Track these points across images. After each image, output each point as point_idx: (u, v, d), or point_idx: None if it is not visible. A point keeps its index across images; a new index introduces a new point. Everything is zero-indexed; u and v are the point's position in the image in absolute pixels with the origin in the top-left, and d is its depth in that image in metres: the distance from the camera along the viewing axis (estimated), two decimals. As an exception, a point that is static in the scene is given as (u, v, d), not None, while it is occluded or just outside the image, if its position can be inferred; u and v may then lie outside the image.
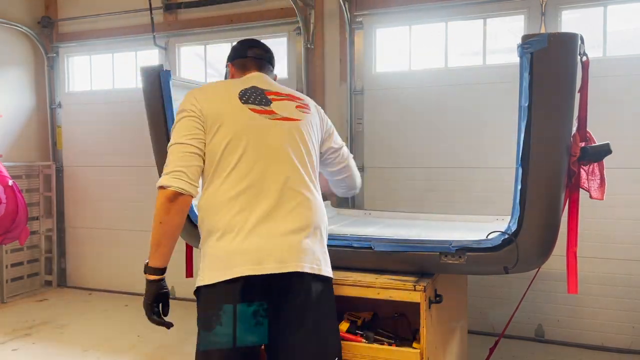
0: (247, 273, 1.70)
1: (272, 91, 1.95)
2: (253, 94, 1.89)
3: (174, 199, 1.70)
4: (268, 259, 1.72)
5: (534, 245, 2.03)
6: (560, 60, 1.91)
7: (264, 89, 1.94)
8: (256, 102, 1.87)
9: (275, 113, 1.88)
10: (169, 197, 1.70)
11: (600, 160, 2.09)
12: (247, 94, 1.88)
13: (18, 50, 5.57)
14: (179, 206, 1.71)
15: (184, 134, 1.77)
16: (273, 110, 1.88)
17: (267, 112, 1.86)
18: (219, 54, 5.32)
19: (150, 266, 1.80)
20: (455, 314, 2.74)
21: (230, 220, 1.74)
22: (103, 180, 5.58)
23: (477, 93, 4.12)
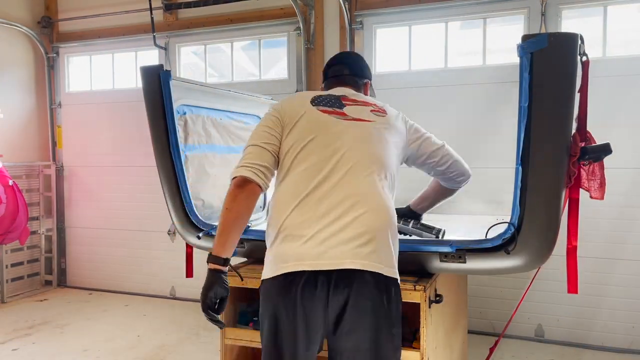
0: (307, 268, 1.68)
1: (348, 97, 1.98)
2: (326, 98, 1.94)
3: (242, 186, 1.73)
4: (330, 258, 1.68)
5: (533, 245, 2.03)
6: (560, 60, 1.91)
7: (340, 96, 1.98)
8: (327, 105, 1.90)
9: (346, 115, 1.89)
10: (237, 183, 1.73)
11: (600, 160, 2.09)
12: (319, 98, 1.94)
13: (18, 50, 5.57)
14: (245, 193, 1.73)
15: (260, 138, 1.84)
16: (344, 112, 1.90)
17: (337, 113, 1.89)
18: (218, 54, 5.33)
19: (213, 254, 1.74)
20: (455, 314, 2.74)
21: (295, 221, 1.73)
22: (103, 180, 5.58)
23: (477, 93, 4.12)
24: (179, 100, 2.80)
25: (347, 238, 1.69)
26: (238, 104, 3.37)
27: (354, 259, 1.68)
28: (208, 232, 2.61)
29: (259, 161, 1.78)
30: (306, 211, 1.73)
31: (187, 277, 2.89)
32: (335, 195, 1.73)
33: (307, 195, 1.74)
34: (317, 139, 1.81)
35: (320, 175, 1.76)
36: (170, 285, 5.25)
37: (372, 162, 1.82)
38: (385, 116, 1.98)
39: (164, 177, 2.71)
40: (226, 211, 1.72)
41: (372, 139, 1.87)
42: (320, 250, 1.68)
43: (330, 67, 2.16)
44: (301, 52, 4.64)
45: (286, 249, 1.72)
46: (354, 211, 1.72)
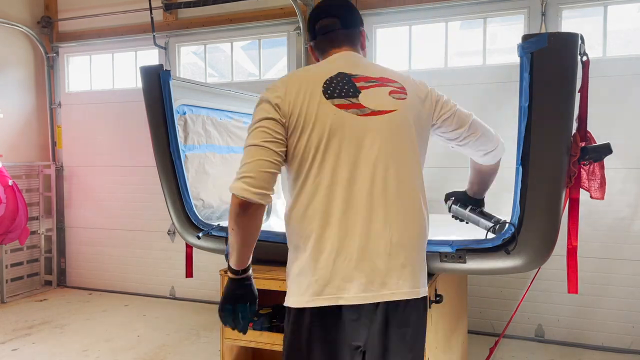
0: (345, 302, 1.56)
1: (360, 76, 1.69)
2: (339, 84, 1.65)
3: (246, 209, 1.58)
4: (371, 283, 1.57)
5: (534, 245, 2.03)
6: (560, 60, 1.91)
7: (352, 75, 1.68)
8: (342, 95, 1.63)
9: (365, 107, 1.63)
10: (239, 204, 1.58)
11: (601, 160, 2.09)
12: (332, 85, 1.64)
13: (18, 50, 5.57)
14: (250, 215, 1.59)
15: (261, 136, 1.59)
16: (361, 103, 1.63)
17: (355, 107, 1.62)
18: (218, 54, 5.33)
19: (230, 266, 1.70)
20: (455, 314, 2.74)
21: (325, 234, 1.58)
22: (103, 180, 5.58)
23: (477, 93, 4.12)
24: (178, 100, 2.80)
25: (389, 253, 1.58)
26: (238, 104, 3.37)
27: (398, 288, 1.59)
28: (208, 232, 2.61)
29: (261, 168, 1.57)
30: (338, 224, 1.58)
31: (187, 277, 2.88)
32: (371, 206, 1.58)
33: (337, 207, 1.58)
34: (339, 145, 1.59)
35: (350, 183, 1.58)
36: (170, 285, 5.25)
37: (404, 163, 1.65)
38: (406, 99, 1.71)
39: (164, 177, 2.71)
40: (232, 232, 1.63)
41: (399, 137, 1.65)
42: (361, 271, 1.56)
43: (318, 22, 1.81)
44: (301, 51, 4.64)
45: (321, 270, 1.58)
46: (393, 221, 1.60)
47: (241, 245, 1.65)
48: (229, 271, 1.72)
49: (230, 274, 1.72)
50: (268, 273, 2.38)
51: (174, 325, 4.40)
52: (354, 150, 1.60)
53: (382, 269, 1.58)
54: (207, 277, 4.67)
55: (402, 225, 1.61)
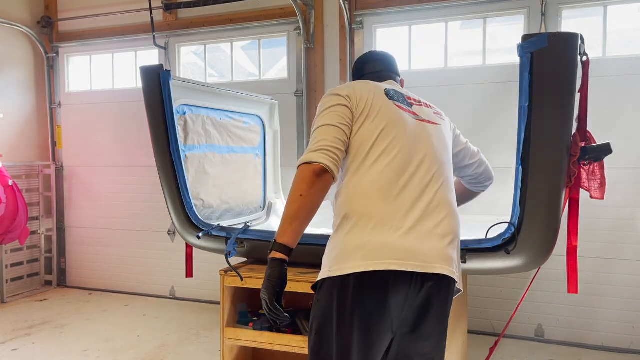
0: (395, 267, 1.58)
1: (410, 97, 1.95)
2: (397, 94, 1.88)
3: (321, 175, 1.62)
4: (417, 258, 1.61)
5: (534, 245, 2.03)
6: (560, 60, 1.91)
7: (404, 94, 1.93)
8: (400, 101, 1.85)
9: (417, 114, 1.86)
10: (315, 171, 1.61)
11: (601, 160, 2.09)
12: (391, 92, 1.87)
13: (18, 50, 5.57)
14: (323, 183, 1.62)
15: (336, 118, 1.73)
16: (415, 112, 1.87)
17: (410, 112, 1.85)
18: (218, 54, 5.33)
19: (279, 242, 1.60)
20: (455, 314, 2.74)
21: (385, 209, 1.64)
22: (103, 180, 5.58)
23: (477, 93, 4.12)
24: (179, 100, 2.80)
25: (437, 235, 1.66)
26: (238, 104, 3.37)
27: (444, 264, 1.65)
28: (208, 232, 2.61)
29: (336, 145, 1.67)
30: (396, 202, 1.65)
31: (187, 277, 2.88)
32: (421, 192, 1.69)
33: (395, 188, 1.66)
34: (398, 135, 1.74)
35: (406, 172, 1.70)
36: (170, 285, 5.25)
37: (444, 164, 1.81)
38: (445, 120, 2.00)
39: (164, 177, 2.71)
40: (301, 198, 1.60)
41: (442, 143, 1.86)
42: (411, 247, 1.61)
43: (366, 64, 2.09)
44: (301, 52, 4.64)
45: (374, 241, 1.60)
46: (440, 210, 1.70)
47: (307, 213, 1.62)
48: (278, 252, 1.60)
49: (280, 254, 1.60)
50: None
51: (174, 325, 4.40)
52: (410, 142, 1.75)
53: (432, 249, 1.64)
54: (207, 277, 4.67)
55: (447, 212, 1.72)
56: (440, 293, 1.67)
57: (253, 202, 3.43)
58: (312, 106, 4.64)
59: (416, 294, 1.63)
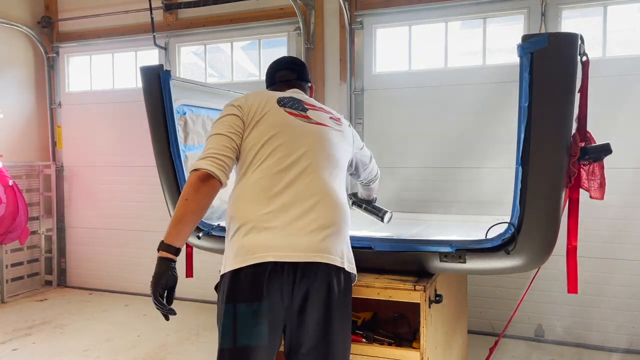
0: (273, 259, 1.73)
1: (307, 102, 2.08)
2: (290, 101, 2.02)
3: (205, 180, 1.76)
4: (292, 250, 1.75)
5: (534, 245, 2.03)
6: (560, 60, 1.91)
7: (301, 100, 2.07)
8: (293, 107, 1.99)
9: (310, 118, 1.99)
10: (200, 176, 1.76)
11: (600, 160, 2.09)
12: (284, 100, 2.01)
13: (18, 50, 5.57)
14: (208, 188, 1.77)
15: (226, 127, 1.89)
16: (308, 115, 2.00)
17: (302, 116, 1.98)
18: (218, 54, 5.33)
19: (166, 243, 1.75)
20: (455, 314, 2.74)
21: (258, 214, 1.79)
22: (103, 180, 5.58)
23: (477, 93, 4.12)
24: (179, 100, 2.80)
25: (311, 230, 1.78)
26: (238, 104, 3.36)
27: (317, 252, 1.77)
28: (208, 232, 2.61)
29: (224, 152, 1.83)
30: (271, 205, 1.79)
31: (187, 277, 2.88)
32: (299, 191, 1.82)
33: (271, 190, 1.81)
34: (282, 138, 1.88)
35: (283, 171, 1.84)
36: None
37: (330, 163, 1.94)
38: (341, 125, 2.12)
39: (164, 177, 2.71)
40: (186, 202, 1.75)
41: (331, 142, 1.98)
42: (285, 243, 1.75)
43: (277, 73, 2.23)
44: (301, 52, 4.64)
45: (252, 241, 1.77)
46: (316, 206, 1.82)
47: (191, 217, 1.76)
48: (164, 251, 1.73)
49: (167, 253, 1.73)
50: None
51: (174, 325, 4.40)
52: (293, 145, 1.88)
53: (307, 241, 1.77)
54: (207, 277, 4.65)
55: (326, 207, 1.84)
56: (318, 281, 1.77)
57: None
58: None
59: (293, 284, 1.76)
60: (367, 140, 4.47)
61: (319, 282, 1.78)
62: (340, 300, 1.82)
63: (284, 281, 1.75)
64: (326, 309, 1.79)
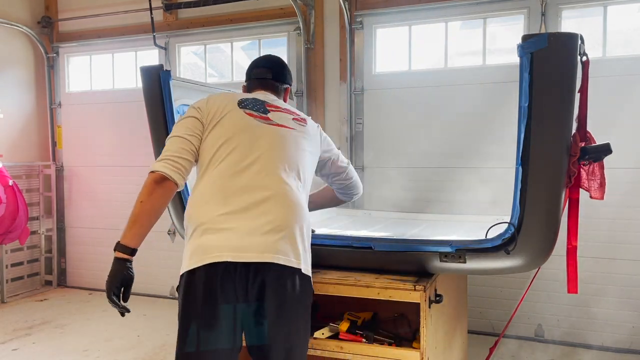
0: (227, 259, 1.74)
1: (271, 104, 2.07)
2: (252, 102, 2.02)
3: (160, 182, 1.80)
4: (247, 250, 1.76)
5: (534, 245, 2.03)
6: (560, 60, 1.91)
7: (264, 101, 2.06)
8: (254, 109, 1.99)
9: (271, 120, 1.99)
10: (155, 179, 1.80)
11: (600, 160, 2.09)
12: (246, 101, 2.02)
13: (18, 50, 5.57)
14: (162, 190, 1.80)
15: (184, 130, 1.91)
16: (269, 117, 2.00)
17: (262, 118, 1.98)
18: (218, 54, 5.33)
19: (121, 243, 1.82)
20: (455, 314, 2.74)
21: (213, 215, 1.80)
22: (103, 180, 5.58)
23: (477, 93, 4.12)
24: (179, 100, 2.80)
25: (266, 231, 1.78)
26: (238, 104, 3.36)
27: (271, 252, 1.77)
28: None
29: (181, 154, 1.85)
30: (227, 206, 1.80)
31: (187, 277, 2.88)
32: (253, 192, 1.83)
33: (227, 192, 1.82)
34: (239, 139, 1.89)
35: (239, 172, 1.84)
36: (170, 285, 5.25)
37: (287, 163, 1.93)
38: (305, 126, 2.10)
39: (164, 177, 2.70)
40: (141, 204, 1.80)
41: (290, 144, 1.97)
42: (239, 243, 1.76)
43: (254, 69, 2.22)
44: (301, 52, 4.64)
45: (207, 242, 1.78)
46: (272, 208, 1.82)
47: (147, 218, 1.81)
48: (119, 251, 1.82)
49: (122, 254, 1.83)
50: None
51: (174, 325, 4.37)
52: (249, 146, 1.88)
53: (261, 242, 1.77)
54: (207, 277, 4.67)
55: (279, 209, 1.83)
56: (271, 281, 1.77)
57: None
58: (312, 106, 4.64)
59: (246, 283, 1.76)
60: (366, 140, 4.48)
61: (273, 282, 1.77)
62: (295, 300, 1.82)
63: (237, 281, 1.76)
64: (281, 309, 1.79)
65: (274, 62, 2.27)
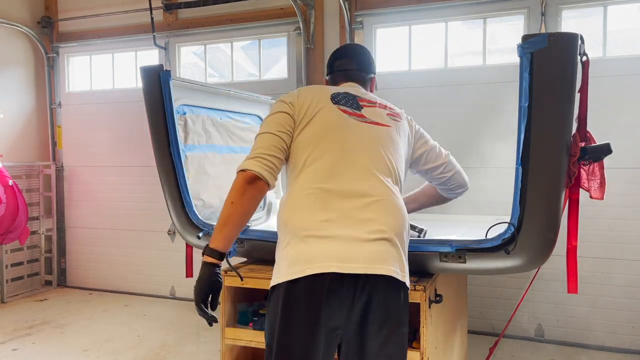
0: (333, 270, 1.60)
1: (363, 98, 1.94)
2: (345, 97, 1.89)
3: (252, 182, 1.67)
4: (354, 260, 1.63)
5: (534, 245, 2.03)
6: (560, 60, 1.91)
7: (356, 95, 1.93)
8: (347, 105, 1.86)
9: (365, 117, 1.86)
10: (247, 179, 1.67)
11: (600, 160, 2.09)
12: (338, 96, 1.88)
13: (18, 50, 5.57)
14: (254, 190, 1.68)
15: (275, 126, 1.78)
16: (363, 114, 1.87)
17: (356, 115, 1.85)
18: (218, 54, 5.33)
19: (210, 247, 1.68)
20: (455, 314, 2.74)
21: (314, 221, 1.67)
22: (103, 180, 5.58)
23: (477, 93, 4.12)
24: (179, 100, 2.80)
25: (372, 240, 1.65)
26: (238, 104, 3.37)
27: (380, 263, 1.64)
28: (208, 232, 2.61)
29: (273, 152, 1.72)
30: (329, 212, 1.67)
31: (187, 277, 2.88)
32: (355, 197, 1.69)
33: (324, 196, 1.69)
34: (334, 138, 1.77)
35: (337, 176, 1.71)
36: (170, 285, 5.25)
37: (386, 166, 1.80)
38: (400, 122, 1.97)
39: (164, 177, 2.71)
40: (232, 205, 1.66)
41: (388, 144, 1.85)
42: (345, 253, 1.62)
43: (337, 61, 2.10)
44: (301, 52, 4.64)
45: (309, 250, 1.64)
46: (378, 214, 1.69)
47: (237, 220, 1.68)
48: (208, 256, 1.68)
49: (212, 258, 1.68)
50: (269, 273, 2.38)
51: (174, 325, 4.40)
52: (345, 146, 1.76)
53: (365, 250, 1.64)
54: (207, 277, 4.67)
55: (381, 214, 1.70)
56: (379, 293, 1.65)
57: (253, 202, 3.42)
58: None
59: (353, 296, 1.63)
60: (367, 140, 4.47)
61: (380, 296, 1.65)
62: (400, 316, 1.70)
63: (343, 293, 1.62)
64: (385, 325, 1.66)
65: (356, 50, 2.15)
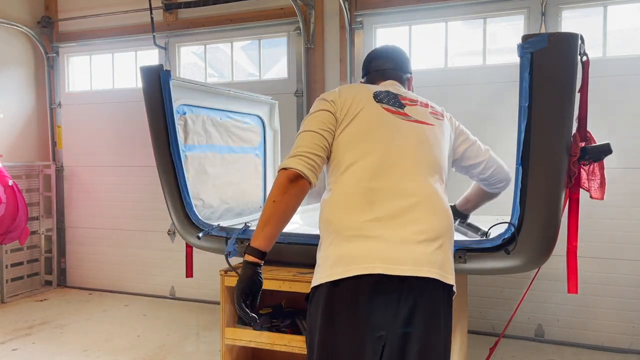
0: (379, 271, 1.57)
1: (405, 97, 1.91)
2: (387, 96, 1.87)
3: (294, 180, 1.64)
4: (401, 262, 1.59)
5: (534, 245, 2.03)
6: (560, 60, 1.91)
7: (397, 94, 1.91)
8: (390, 104, 1.84)
9: (409, 115, 1.84)
10: (289, 177, 1.64)
11: (600, 160, 2.09)
12: (381, 95, 1.86)
13: (18, 50, 5.57)
14: (297, 189, 1.65)
15: (317, 124, 1.76)
16: (406, 112, 1.84)
17: (399, 113, 1.83)
18: (218, 54, 5.33)
19: (252, 246, 1.64)
20: (455, 314, 2.74)
21: (358, 221, 1.64)
22: (103, 180, 5.58)
23: (477, 93, 4.12)
24: (179, 100, 2.80)
25: (420, 241, 1.62)
26: (238, 104, 3.37)
27: (427, 266, 1.61)
28: (208, 232, 2.61)
29: (315, 151, 1.70)
30: (374, 211, 1.64)
31: (187, 277, 2.88)
32: (400, 198, 1.66)
33: (369, 196, 1.66)
34: (378, 137, 1.74)
35: (381, 175, 1.69)
36: (170, 285, 5.25)
37: (431, 165, 1.77)
38: (442, 120, 1.95)
39: (164, 177, 2.70)
40: (274, 204, 1.63)
41: (433, 143, 1.82)
42: (391, 254, 1.59)
43: (373, 61, 2.10)
44: (301, 52, 4.64)
45: (353, 250, 1.61)
46: (424, 214, 1.66)
47: (280, 219, 1.65)
48: (250, 255, 1.64)
49: (253, 257, 1.64)
50: (269, 273, 2.38)
51: (174, 325, 4.40)
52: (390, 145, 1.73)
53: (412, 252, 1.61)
54: (207, 277, 4.67)
55: (427, 215, 1.67)
56: (425, 296, 1.61)
57: (253, 202, 3.42)
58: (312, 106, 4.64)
59: (399, 298, 1.60)
60: (367, 140, 4.47)
61: (426, 299, 1.61)
62: (446, 321, 1.67)
63: (389, 295, 1.59)
64: (431, 329, 1.63)
65: (391, 51, 2.14)
